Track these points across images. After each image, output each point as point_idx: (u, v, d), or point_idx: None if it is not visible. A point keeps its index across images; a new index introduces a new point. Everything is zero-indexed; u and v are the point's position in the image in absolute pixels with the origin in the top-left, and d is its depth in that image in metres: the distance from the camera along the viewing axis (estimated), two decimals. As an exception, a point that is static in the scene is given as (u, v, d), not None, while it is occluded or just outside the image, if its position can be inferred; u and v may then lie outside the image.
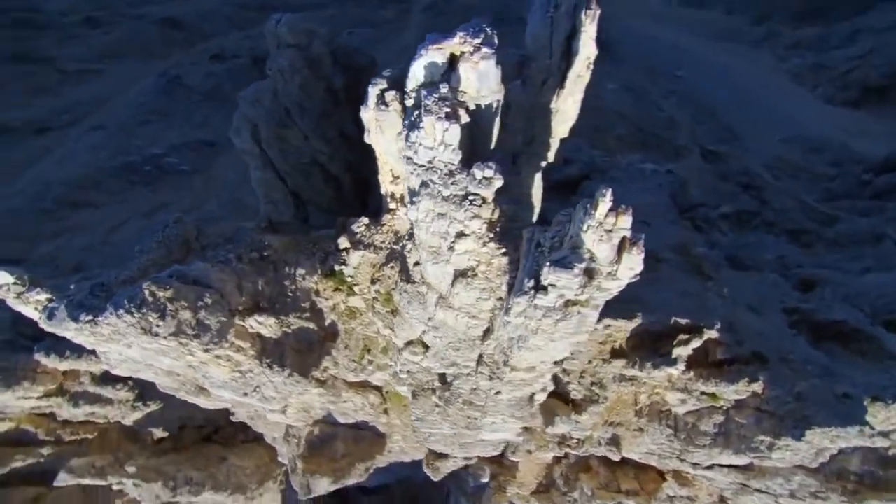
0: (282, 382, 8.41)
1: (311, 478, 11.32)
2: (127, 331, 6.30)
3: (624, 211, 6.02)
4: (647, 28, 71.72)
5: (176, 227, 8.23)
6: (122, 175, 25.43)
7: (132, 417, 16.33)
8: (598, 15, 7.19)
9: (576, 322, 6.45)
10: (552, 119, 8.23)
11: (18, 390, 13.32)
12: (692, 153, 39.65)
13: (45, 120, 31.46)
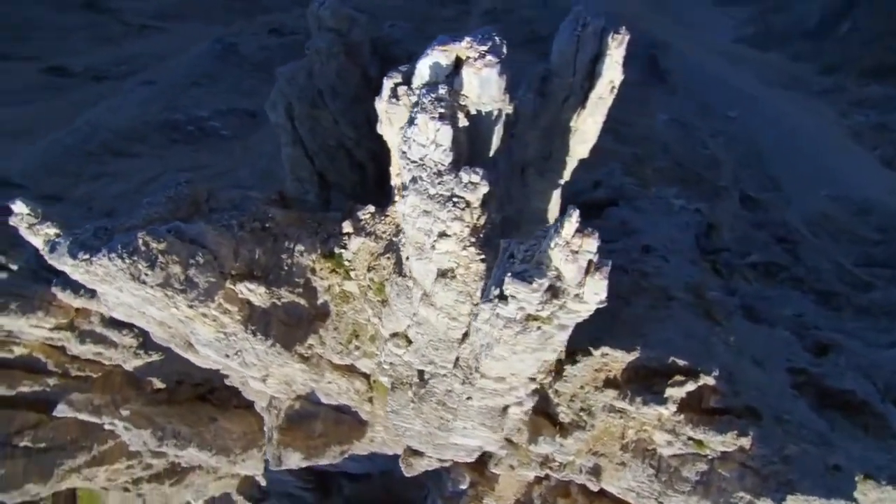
0: (263, 351, 8.60)
1: (284, 450, 11.52)
2: (117, 274, 6.57)
3: (590, 234, 5.94)
4: (708, 63, 70.29)
5: (187, 187, 8.51)
6: (166, 131, 26.30)
7: (133, 363, 16.88)
8: (627, 40, 7.12)
9: (536, 337, 6.38)
10: (571, 137, 8.17)
11: (32, 318, 13.95)
12: (730, 197, 38.68)
13: (104, 69, 32.79)
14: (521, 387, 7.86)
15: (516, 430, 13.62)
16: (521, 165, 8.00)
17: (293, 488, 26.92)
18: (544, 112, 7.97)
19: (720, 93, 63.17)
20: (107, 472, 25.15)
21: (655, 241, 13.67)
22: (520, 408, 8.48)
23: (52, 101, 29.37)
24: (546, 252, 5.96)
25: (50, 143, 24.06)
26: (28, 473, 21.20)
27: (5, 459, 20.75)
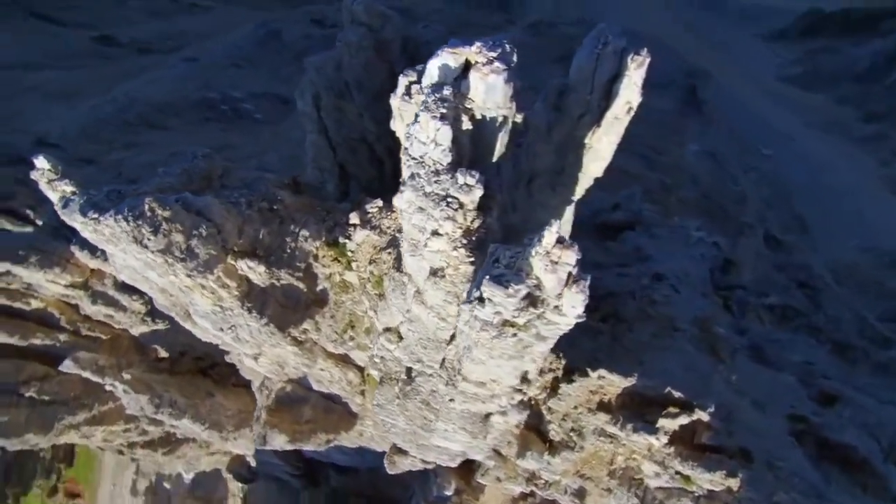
0: (257, 329, 8.73)
1: (270, 431, 11.65)
2: (121, 236, 6.79)
3: (569, 246, 5.89)
4: (748, 98, 69.25)
5: (203, 161, 8.73)
6: (201, 109, 26.94)
7: (139, 329, 17.28)
8: (647, 63, 7.06)
9: (512, 344, 6.35)
10: (584, 154, 8.13)
11: (50, 274, 14.40)
12: (755, 235, 37.91)
13: (150, 42, 33.79)
14: (503, 396, 7.82)
15: (505, 442, 13.54)
16: (529, 176, 7.99)
17: (281, 473, 27.14)
18: (558, 126, 7.95)
19: (756, 129, 62.11)
20: (104, 433, 25.71)
21: (668, 270, 13.48)
22: (503, 417, 8.43)
23: (97, 68, 30.37)
24: (528, 260, 5.96)
25: (90, 109, 24.85)
26: (30, 424, 21.80)
27: (10, 407, 21.37)
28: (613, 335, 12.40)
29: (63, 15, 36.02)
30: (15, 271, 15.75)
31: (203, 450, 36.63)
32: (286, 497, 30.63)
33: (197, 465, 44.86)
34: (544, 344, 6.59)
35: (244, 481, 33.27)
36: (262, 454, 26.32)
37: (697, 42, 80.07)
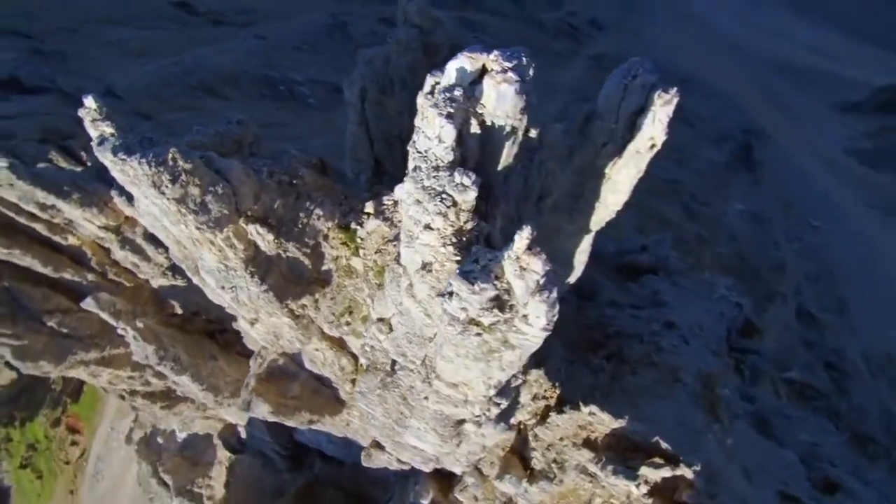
0: (256, 294, 8.97)
1: (256, 398, 11.87)
2: (142, 179, 7.16)
3: (536, 254, 5.81)
4: (808, 166, 67.08)
5: (237, 127, 9.12)
6: (259, 85, 27.98)
7: (159, 282, 17.94)
8: (675, 102, 6.98)
9: (476, 345, 6.31)
10: (603, 184, 8.09)
11: (87, 213, 15.16)
12: (786, 305, 36.51)
13: (225, 14, 35.42)
14: (476, 404, 7.78)
15: (487, 462, 13.39)
16: (540, 193, 8.00)
17: (269, 450, 27.47)
18: (580, 151, 7.95)
19: (810, 199, 60.01)
20: (110, 375, 26.65)
21: (681, 320, 13.17)
22: (478, 429, 8.37)
23: (172, 32, 32.00)
24: (500, 263, 5.96)
25: (158, 69, 26.19)
26: (46, 352, 22.82)
27: (32, 332, 22.44)
28: (614, 375, 12.18)
29: None
30: (59, 206, 16.62)
31: (199, 412, 37.44)
32: (269, 475, 30.91)
33: (191, 427, 45.87)
34: (513, 353, 6.54)
35: (233, 451, 33.81)
36: (253, 428, 26.70)
37: (765, 102, 78.30)
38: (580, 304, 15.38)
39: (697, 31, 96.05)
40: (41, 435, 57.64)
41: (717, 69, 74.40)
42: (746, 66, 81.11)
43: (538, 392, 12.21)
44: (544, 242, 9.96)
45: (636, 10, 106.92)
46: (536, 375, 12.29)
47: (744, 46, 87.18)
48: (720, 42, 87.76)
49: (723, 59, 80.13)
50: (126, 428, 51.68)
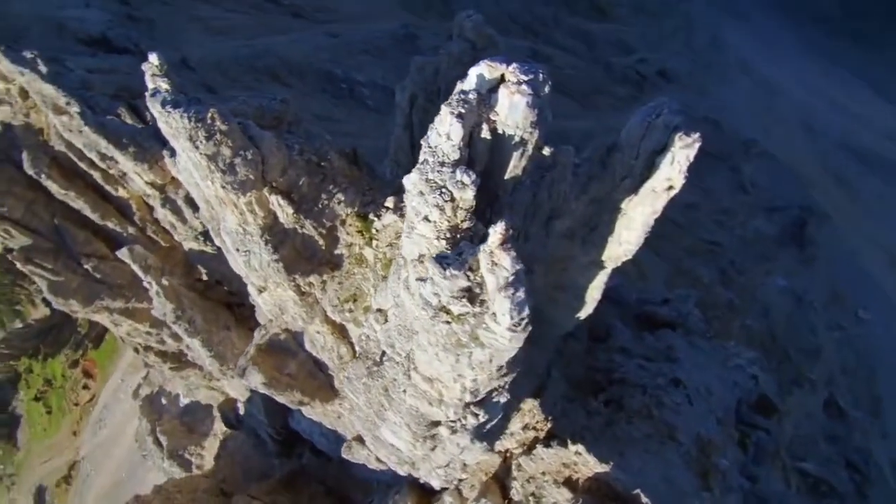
0: (267, 262, 9.25)
1: (252, 367, 12.09)
2: (181, 131, 7.63)
3: (507, 250, 5.74)
4: (865, 253, 64.07)
5: (280, 104, 9.57)
6: (322, 79, 29.10)
7: (191, 244, 18.70)
8: (696, 147, 6.85)
9: (445, 333, 6.28)
10: (618, 219, 8.02)
11: (139, 167, 16.05)
12: (813, 393, 34.59)
13: (304, 9, 37.20)
14: (451, 406, 7.70)
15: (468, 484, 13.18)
16: (549, 214, 7.97)
17: (263, 431, 27.75)
18: (598, 182, 7.91)
19: (861, 289, 57.05)
20: (130, 326, 27.75)
21: (690, 380, 12.71)
22: (452, 435, 8.26)
23: (253, 17, 33.79)
24: (476, 255, 5.97)
25: (231, 48, 27.66)
26: (77, 292, 24.04)
27: (68, 271, 23.71)
28: (609, 421, 11.85)
29: None
30: (116, 157, 17.65)
31: (205, 381, 38.34)
32: (258, 456, 31.18)
33: (195, 394, 46.99)
34: (482, 353, 6.48)
35: (229, 426, 34.31)
36: (252, 406, 27.11)
37: (829, 182, 75.56)
38: (591, 346, 15.11)
39: (770, 99, 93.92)
40: (59, 373, 60.23)
41: (784, 140, 72.39)
42: (815, 142, 78.61)
43: (529, 422, 12.00)
44: (558, 271, 9.93)
45: (710, 68, 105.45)
46: (531, 405, 12.10)
47: (816, 122, 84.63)
48: (792, 113, 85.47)
49: (791, 131, 77.96)
50: (135, 383, 53.40)
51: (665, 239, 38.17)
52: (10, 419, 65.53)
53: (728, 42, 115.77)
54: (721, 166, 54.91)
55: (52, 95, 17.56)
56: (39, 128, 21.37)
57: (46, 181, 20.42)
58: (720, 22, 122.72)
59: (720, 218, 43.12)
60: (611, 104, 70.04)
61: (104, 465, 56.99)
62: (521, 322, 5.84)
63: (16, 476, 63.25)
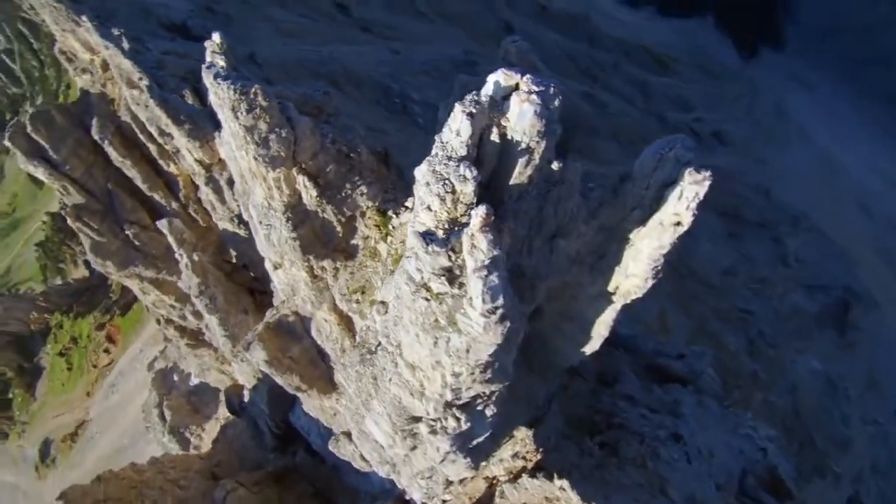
0: (284, 239, 9.59)
1: (256, 342, 12.36)
2: (225, 101, 8.20)
3: (485, 233, 5.76)
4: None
5: (322, 96, 10.08)
6: (378, 92, 30.19)
7: (226, 225, 19.50)
8: (706, 185, 6.77)
9: (423, 310, 6.31)
10: (626, 249, 7.98)
11: (191, 143, 17.02)
12: (838, 487, 32.39)
13: (372, 24, 38.90)
14: (431, 401, 7.65)
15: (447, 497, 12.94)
16: (554, 231, 7.97)
17: (263, 422, 28.01)
18: (608, 208, 7.92)
19: (903, 384, 53.61)
20: (156, 297, 28.83)
21: (691, 438, 12.22)
22: (433, 437, 8.18)
23: (323, 25, 35.55)
24: (460, 235, 6.05)
25: (297, 51, 29.13)
26: (115, 254, 25.26)
27: (111, 234, 25.00)
28: (600, 463, 11.52)
29: None
30: (173, 132, 18.73)
31: (217, 363, 39.16)
32: (254, 448, 31.42)
33: (206, 376, 47.96)
34: (459, 339, 6.48)
35: (232, 412, 34.76)
36: (256, 395, 27.49)
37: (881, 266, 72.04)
38: (596, 388, 14.82)
39: (828, 174, 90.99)
40: (85, 333, 62.69)
41: (837, 217, 69.73)
42: (870, 224, 75.37)
43: (520, 451, 11.82)
44: (567, 299, 9.90)
45: (769, 136, 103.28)
46: (525, 434, 11.92)
47: (874, 203, 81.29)
48: (850, 192, 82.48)
49: (846, 210, 75.10)
50: (152, 356, 55.01)
51: (695, 299, 37.13)
52: (34, 369, 68.35)
53: (792, 112, 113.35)
54: (765, 235, 53.31)
55: (128, 70, 18.89)
56: (112, 98, 22.95)
57: (108, 147, 21.78)
58: (786, 90, 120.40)
59: (756, 287, 41.68)
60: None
61: (109, 430, 58.45)
62: (495, 310, 5.90)
63: (27, 425, 65.54)
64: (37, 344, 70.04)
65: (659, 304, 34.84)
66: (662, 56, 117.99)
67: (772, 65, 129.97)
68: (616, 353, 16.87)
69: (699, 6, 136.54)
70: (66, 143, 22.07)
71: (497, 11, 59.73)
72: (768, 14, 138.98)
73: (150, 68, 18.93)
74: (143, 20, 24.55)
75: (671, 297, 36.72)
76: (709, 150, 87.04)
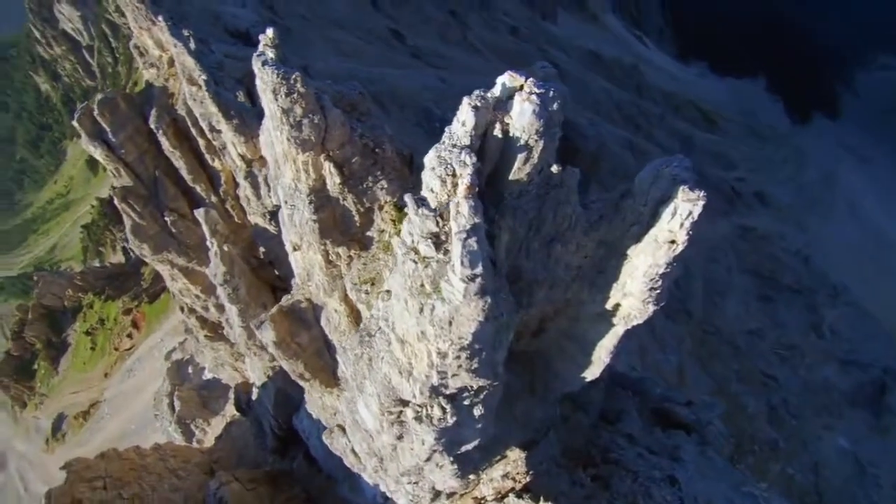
0: (305, 220, 10.06)
1: (268, 322, 12.74)
2: (269, 84, 8.90)
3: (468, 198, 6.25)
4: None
5: (357, 95, 10.68)
6: (419, 114, 31.28)
7: (258, 220, 20.34)
8: (700, 205, 6.83)
9: (411, 272, 6.49)
10: (623, 265, 8.07)
11: (237, 138, 18.03)
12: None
13: (423, 51, 40.57)
14: (419, 380, 7.71)
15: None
16: (552, 235, 8.12)
17: (267, 422, 28.25)
18: (608, 223, 8.06)
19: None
20: (183, 285, 29.90)
21: (688, 485, 11.79)
22: (419, 425, 8.19)
23: (377, 48, 37.34)
24: (449, 200, 6.27)
25: (349, 68, 30.63)
26: (152, 239, 26.50)
27: (151, 219, 26.29)
28: (590, 495, 11.26)
29: (387, 4, 45.51)
30: (222, 127, 19.85)
31: (231, 358, 39.86)
32: (255, 448, 31.61)
33: (219, 371, 48.75)
34: (443, 308, 6.61)
35: (239, 408, 35.13)
36: (263, 394, 27.86)
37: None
38: (597, 424, 14.58)
39: (877, 250, 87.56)
40: (112, 315, 64.92)
41: (880, 293, 66.72)
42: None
43: (511, 472, 11.69)
44: (569, 319, 9.95)
45: (814, 204, 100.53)
46: (517, 455, 11.82)
47: (922, 282, 77.58)
48: (895, 267, 79.03)
49: (891, 286, 71.83)
50: (171, 346, 56.39)
51: (717, 357, 35.97)
52: (60, 344, 70.91)
53: (842, 182, 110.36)
54: (799, 301, 51.44)
55: (190, 67, 20.29)
56: (172, 93, 24.56)
57: (161, 136, 23.21)
58: (838, 161, 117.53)
59: (784, 353, 40.08)
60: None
61: (119, 413, 59.65)
62: (474, 277, 6.10)
63: (46, 397, 67.58)
64: (67, 320, 72.78)
65: (678, 358, 33.90)
66: (710, 112, 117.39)
67: (824, 133, 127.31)
68: (623, 394, 16.58)
69: (752, 68, 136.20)
70: (126, 129, 23.63)
71: (547, 52, 61.31)
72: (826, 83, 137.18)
73: (210, 67, 20.27)
74: (212, 25, 26.40)
75: (692, 353, 35.69)
76: (748, 210, 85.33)
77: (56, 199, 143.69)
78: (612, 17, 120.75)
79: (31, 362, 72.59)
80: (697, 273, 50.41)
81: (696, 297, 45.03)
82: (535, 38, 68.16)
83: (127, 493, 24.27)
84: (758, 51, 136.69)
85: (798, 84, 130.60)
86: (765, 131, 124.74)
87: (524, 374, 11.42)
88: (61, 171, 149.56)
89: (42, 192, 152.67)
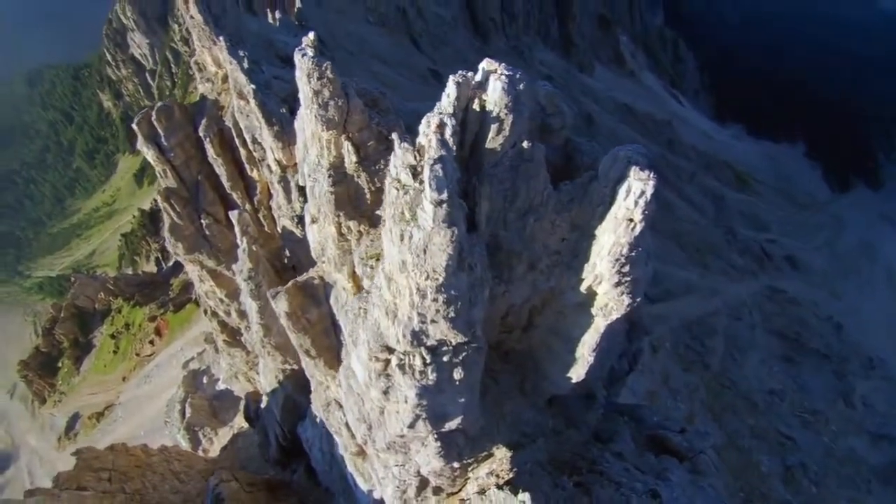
0: (323, 191, 11.09)
1: (284, 292, 13.63)
2: (304, 69, 10.28)
3: (437, 134, 7.37)
4: None
5: (378, 93, 11.93)
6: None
7: (286, 223, 21.64)
8: (652, 185, 7.51)
9: (394, 198, 7.32)
10: (592, 245, 8.85)
11: (275, 143, 19.60)
12: None
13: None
14: (402, 323, 8.22)
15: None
16: (525, 209, 8.94)
17: (272, 430, 28.73)
18: (578, 205, 8.86)
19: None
20: (210, 288, 31.32)
21: (670, 502, 11.75)
22: (403, 377, 8.62)
23: (415, 84, 39.68)
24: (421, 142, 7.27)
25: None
26: (186, 239, 28.14)
27: (188, 220, 28.02)
28: (570, 498, 11.43)
29: (428, 46, 48.59)
30: (264, 136, 21.56)
31: (246, 366, 40.74)
32: (258, 459, 31.99)
33: (232, 383, 49.63)
34: (419, 235, 7.33)
35: (247, 417, 35.69)
36: (272, 401, 28.51)
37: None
38: (588, 441, 14.77)
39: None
40: (138, 321, 67.08)
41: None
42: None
43: (495, 469, 12.00)
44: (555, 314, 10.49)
45: (851, 273, 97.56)
46: (503, 454, 12.14)
47: (962, 361, 73.49)
48: (941, 350, 75.29)
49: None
50: (189, 356, 57.73)
51: (731, 411, 34.92)
52: (86, 345, 73.35)
53: (882, 252, 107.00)
54: (826, 368, 49.58)
55: (242, 83, 22.35)
56: (222, 106, 26.79)
57: (208, 144, 25.21)
58: (878, 230, 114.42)
59: (806, 417, 38.54)
60: (722, 268, 67.38)
61: (132, 417, 60.60)
62: (441, 202, 6.98)
63: (65, 395, 69.33)
64: (96, 322, 75.38)
65: (689, 407, 33.15)
66: (744, 174, 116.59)
67: (864, 202, 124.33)
68: (620, 419, 16.71)
69: (791, 133, 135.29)
70: (177, 134, 25.77)
71: (580, 102, 63.28)
72: (867, 151, 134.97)
73: (259, 86, 22.30)
74: (265, 49, 28.91)
75: (704, 403, 34.79)
76: (778, 272, 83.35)
77: (102, 208, 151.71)
78: (650, 74, 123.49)
79: (56, 359, 74.97)
80: (720, 328, 49.40)
81: (716, 352, 44.07)
82: (569, 87, 70.50)
83: (129, 488, 24.86)
84: (797, 116, 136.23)
85: (838, 152, 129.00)
86: (801, 197, 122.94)
87: (515, 373, 11.88)
88: (111, 182, 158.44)
89: (90, 199, 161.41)
